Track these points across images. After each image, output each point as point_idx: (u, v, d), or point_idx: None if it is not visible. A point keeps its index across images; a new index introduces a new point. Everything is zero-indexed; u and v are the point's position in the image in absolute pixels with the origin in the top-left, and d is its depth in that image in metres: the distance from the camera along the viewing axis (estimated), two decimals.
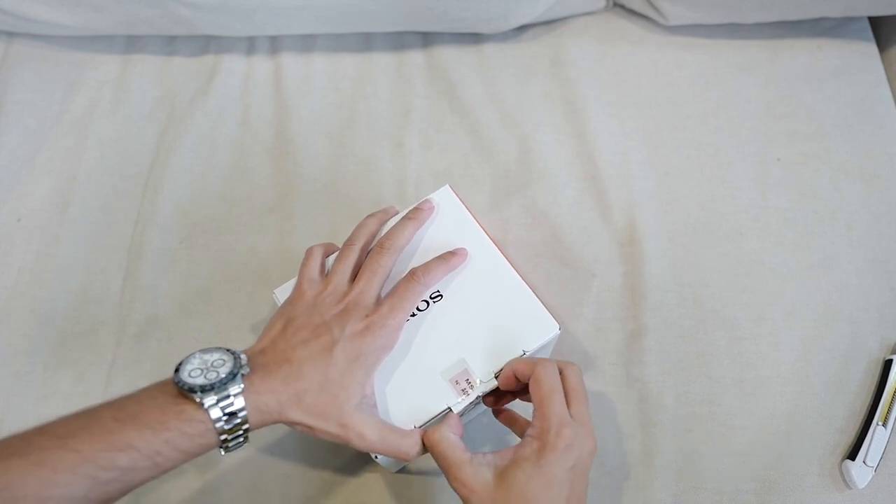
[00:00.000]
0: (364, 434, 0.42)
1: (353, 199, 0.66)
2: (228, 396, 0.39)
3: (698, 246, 0.63)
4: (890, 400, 0.55)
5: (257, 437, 0.55)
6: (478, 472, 0.42)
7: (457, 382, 0.47)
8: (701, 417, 0.56)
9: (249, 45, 0.74)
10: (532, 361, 0.45)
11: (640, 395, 0.57)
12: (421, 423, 0.46)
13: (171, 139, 0.69)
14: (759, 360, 0.58)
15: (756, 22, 0.71)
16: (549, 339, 0.49)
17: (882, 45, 0.72)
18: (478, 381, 0.47)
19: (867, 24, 0.73)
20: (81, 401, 0.58)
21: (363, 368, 0.43)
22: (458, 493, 0.42)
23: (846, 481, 0.53)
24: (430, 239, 0.51)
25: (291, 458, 0.55)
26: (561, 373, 0.45)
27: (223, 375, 0.39)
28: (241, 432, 0.40)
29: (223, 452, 0.41)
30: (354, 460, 0.55)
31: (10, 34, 0.74)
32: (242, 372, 0.40)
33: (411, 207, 0.52)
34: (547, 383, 0.43)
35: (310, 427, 0.42)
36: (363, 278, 0.46)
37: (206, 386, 0.38)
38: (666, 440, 0.55)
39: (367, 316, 0.45)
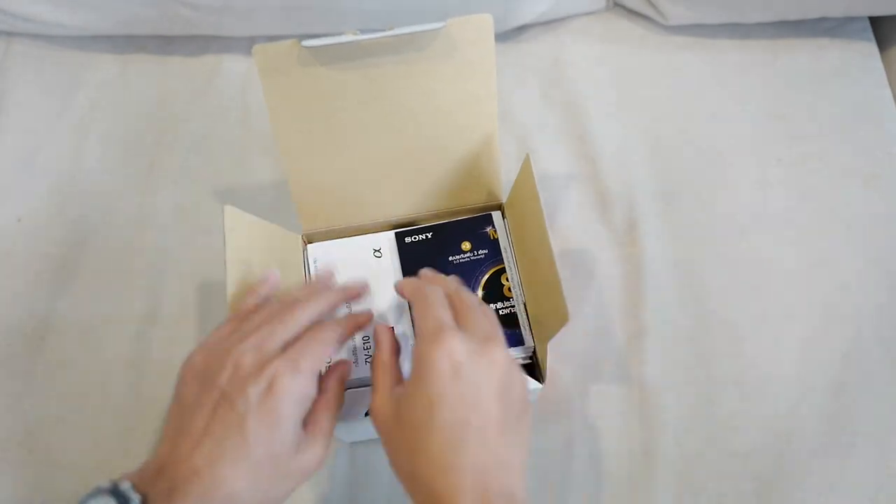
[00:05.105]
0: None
1: None
2: None
3: (698, 246, 0.63)
4: None
5: None
6: (386, 401, 0.36)
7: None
8: (701, 417, 0.56)
9: (249, 45, 0.74)
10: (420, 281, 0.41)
11: (640, 395, 0.57)
12: None
13: (171, 139, 0.69)
14: (759, 360, 0.58)
15: (756, 22, 0.71)
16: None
17: (882, 45, 0.72)
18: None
19: (867, 24, 0.73)
20: (81, 401, 0.58)
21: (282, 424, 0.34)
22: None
23: (845, 481, 0.53)
24: None
25: None
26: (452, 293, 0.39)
27: None
28: None
29: None
30: None
31: (10, 34, 0.74)
32: None
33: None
34: (427, 294, 0.38)
35: None
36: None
37: None
38: (666, 440, 0.55)
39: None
